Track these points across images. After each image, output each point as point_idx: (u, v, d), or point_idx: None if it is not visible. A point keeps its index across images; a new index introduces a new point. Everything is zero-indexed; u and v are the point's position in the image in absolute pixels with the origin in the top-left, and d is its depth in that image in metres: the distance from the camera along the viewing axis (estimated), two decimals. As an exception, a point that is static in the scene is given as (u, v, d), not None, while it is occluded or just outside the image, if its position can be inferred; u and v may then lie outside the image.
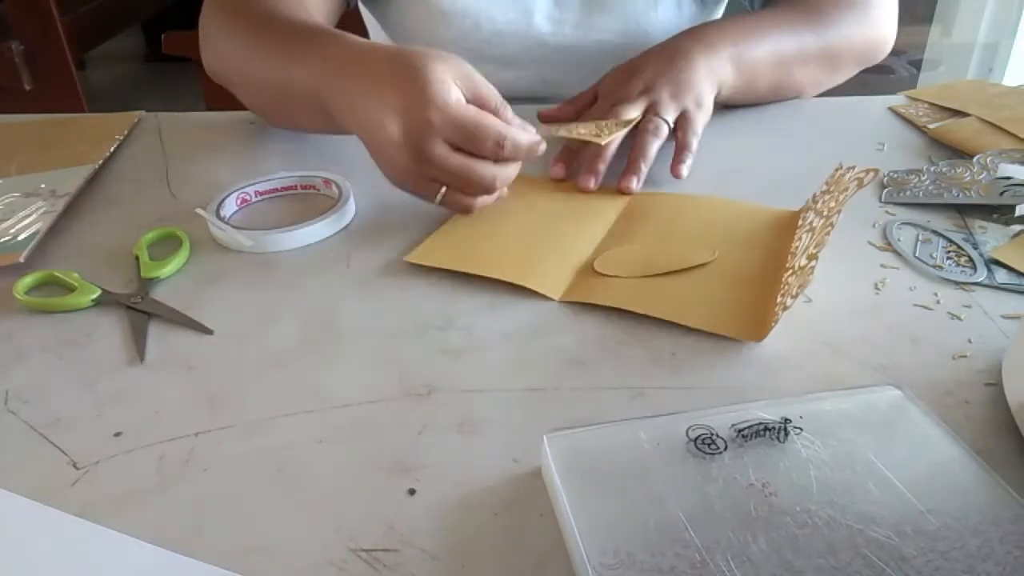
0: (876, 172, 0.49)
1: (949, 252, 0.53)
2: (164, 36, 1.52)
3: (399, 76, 0.51)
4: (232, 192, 0.60)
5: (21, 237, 0.55)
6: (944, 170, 0.61)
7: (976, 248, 0.53)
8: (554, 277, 0.51)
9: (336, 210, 0.57)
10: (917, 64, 1.71)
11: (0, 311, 0.49)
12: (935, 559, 0.30)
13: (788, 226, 0.54)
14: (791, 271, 0.47)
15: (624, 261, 0.51)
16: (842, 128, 0.72)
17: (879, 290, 0.49)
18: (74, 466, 0.37)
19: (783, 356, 0.44)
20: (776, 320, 0.43)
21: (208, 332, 0.47)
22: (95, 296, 0.49)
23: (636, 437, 0.35)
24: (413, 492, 0.36)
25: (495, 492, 0.36)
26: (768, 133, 0.71)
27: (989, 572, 0.29)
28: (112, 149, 0.69)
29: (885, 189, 0.60)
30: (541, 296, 0.49)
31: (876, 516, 0.32)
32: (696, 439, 0.35)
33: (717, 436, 0.35)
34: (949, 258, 0.52)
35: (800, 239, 0.50)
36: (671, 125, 0.63)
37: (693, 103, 0.65)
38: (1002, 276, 0.50)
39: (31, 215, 0.58)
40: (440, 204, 0.54)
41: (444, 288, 0.50)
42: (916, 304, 0.48)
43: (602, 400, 0.41)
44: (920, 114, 0.74)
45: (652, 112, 0.63)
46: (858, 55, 0.76)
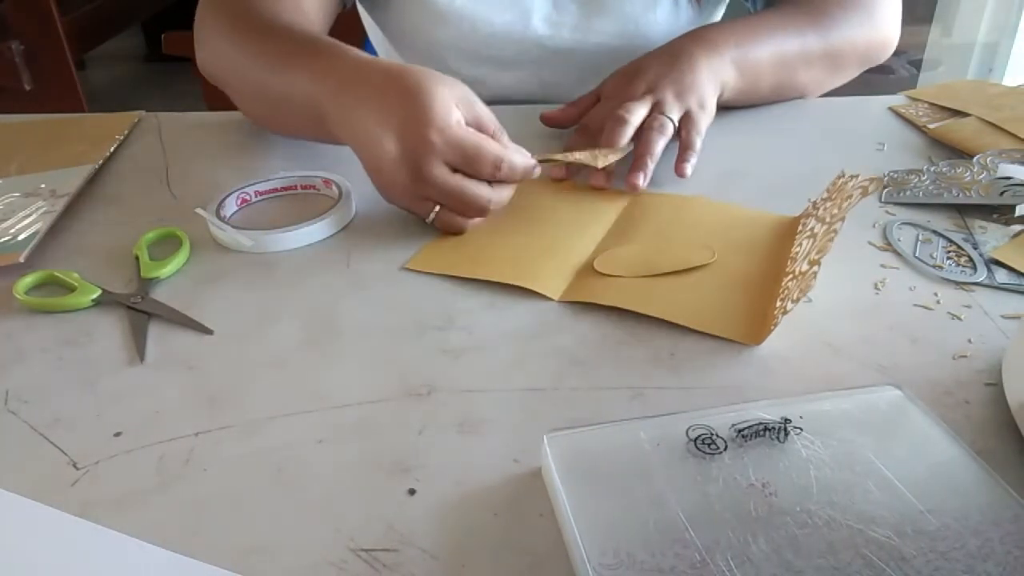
0: (880, 181, 0.49)
1: (949, 252, 0.53)
2: (164, 36, 1.53)
3: (400, 93, 0.51)
4: (232, 192, 0.60)
5: (21, 237, 0.55)
6: (944, 170, 0.61)
7: (976, 248, 0.53)
8: (554, 277, 0.51)
9: (336, 210, 0.57)
10: (917, 64, 1.71)
11: (0, 311, 0.49)
12: (935, 559, 0.30)
13: (788, 231, 0.54)
14: (791, 276, 0.47)
15: (624, 261, 0.51)
16: (842, 128, 0.72)
17: (879, 290, 0.49)
18: (74, 466, 0.37)
19: (783, 356, 0.44)
20: (776, 324, 0.43)
21: (208, 332, 0.47)
22: (95, 296, 0.49)
23: (636, 437, 0.35)
24: (413, 492, 0.36)
25: (495, 492, 0.36)
26: (768, 133, 0.71)
27: (989, 572, 0.29)
28: (112, 149, 0.69)
29: (885, 189, 0.60)
30: (541, 296, 0.49)
31: (876, 516, 0.32)
32: (696, 439, 0.35)
33: (717, 436, 0.35)
34: (949, 258, 0.52)
35: (800, 245, 0.50)
36: (676, 124, 0.64)
37: (696, 104, 0.65)
38: (1002, 276, 0.50)
39: (31, 215, 0.58)
40: (431, 223, 0.55)
41: (444, 288, 0.50)
42: (916, 304, 0.48)
43: (602, 400, 0.41)
44: (920, 114, 0.74)
45: (657, 111, 0.63)
46: (861, 56, 0.76)
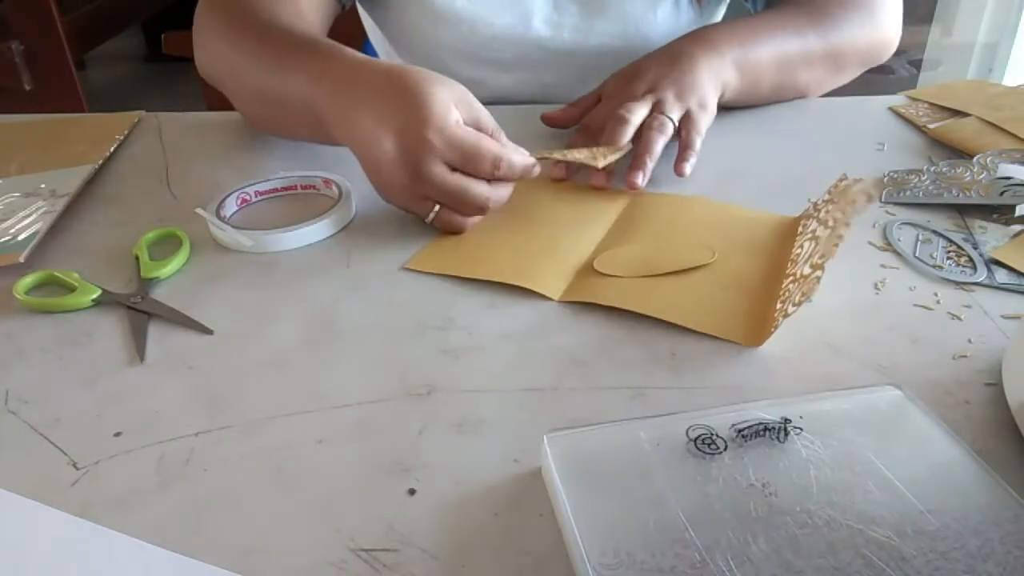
0: (882, 184, 0.49)
1: (949, 252, 0.53)
2: (164, 36, 1.53)
3: (399, 94, 0.52)
4: (232, 192, 0.60)
5: (21, 237, 0.55)
6: (944, 170, 0.61)
7: (976, 248, 0.53)
8: (554, 277, 0.51)
9: (336, 210, 0.57)
10: (917, 64, 1.71)
11: (0, 311, 0.49)
12: (935, 559, 0.30)
13: (788, 232, 0.54)
14: (792, 278, 0.47)
15: (624, 261, 0.51)
16: (842, 128, 0.72)
17: (879, 290, 0.49)
18: (74, 466, 0.37)
19: (783, 356, 0.44)
20: (776, 326, 0.43)
21: (208, 332, 0.47)
22: (95, 296, 0.49)
23: (636, 437, 0.35)
24: (413, 492, 0.36)
25: (495, 492, 0.36)
26: (768, 133, 0.71)
27: (989, 572, 0.29)
28: (112, 149, 0.69)
29: (885, 189, 0.60)
30: (541, 296, 0.49)
31: (876, 516, 0.32)
32: (696, 439, 0.35)
33: (717, 436, 0.35)
34: (949, 258, 0.52)
35: (802, 247, 0.50)
36: (676, 124, 0.64)
37: (697, 104, 0.65)
38: (1002, 276, 0.50)
39: (31, 215, 0.58)
40: (431, 223, 0.55)
41: (444, 288, 0.50)
42: (916, 304, 0.48)
43: (602, 400, 0.41)
44: (920, 114, 0.74)
45: (657, 111, 0.63)
46: (862, 56, 0.76)
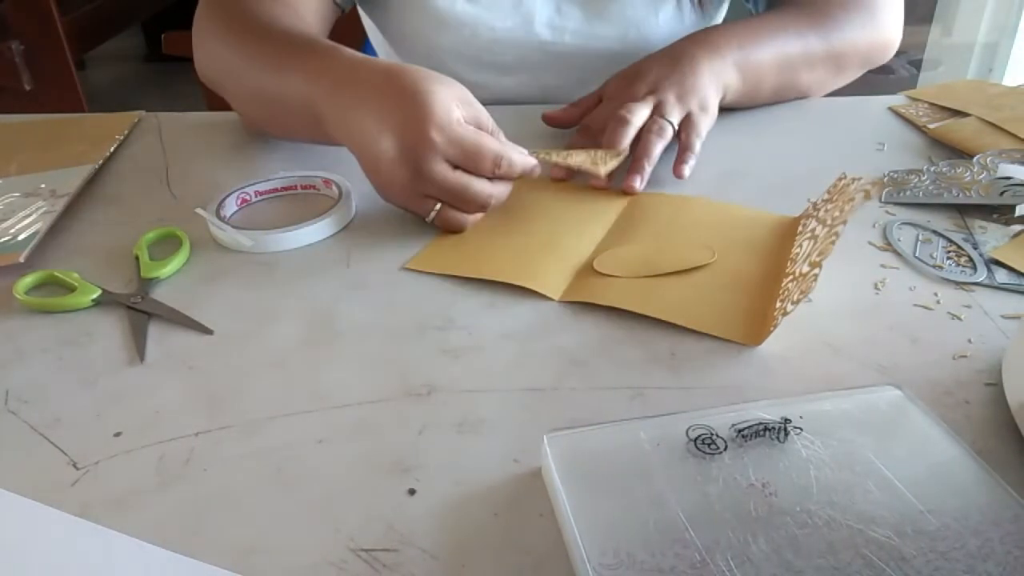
0: (881, 183, 0.49)
1: (949, 252, 0.53)
2: (164, 36, 1.53)
3: (399, 93, 0.52)
4: (232, 192, 0.60)
5: (21, 237, 0.55)
6: (944, 170, 0.61)
7: (976, 248, 0.53)
8: (554, 277, 0.51)
9: (336, 210, 0.57)
10: (917, 64, 1.71)
11: (0, 311, 0.49)
12: (935, 559, 0.30)
13: (788, 232, 0.54)
14: (791, 277, 0.47)
15: (624, 261, 0.51)
16: (842, 128, 0.72)
17: (879, 290, 0.49)
18: (74, 466, 0.37)
19: (783, 356, 0.44)
20: (776, 325, 0.43)
21: (208, 332, 0.47)
22: (95, 296, 0.49)
23: (636, 437, 0.35)
24: (413, 492, 0.36)
25: (495, 492, 0.36)
26: (768, 133, 0.71)
27: (989, 572, 0.29)
28: (112, 149, 0.69)
29: (885, 189, 0.60)
30: (541, 296, 0.49)
31: (876, 516, 0.32)
32: (696, 439, 0.35)
33: (717, 436, 0.35)
34: (949, 258, 0.52)
35: (801, 246, 0.50)
36: (675, 127, 0.63)
37: (698, 106, 0.65)
38: (1002, 276, 0.50)
39: (31, 215, 0.58)
40: (432, 222, 0.55)
41: (444, 288, 0.50)
42: (916, 304, 0.48)
43: (602, 400, 0.41)
44: (920, 114, 0.74)
45: (657, 114, 0.63)
46: (863, 57, 0.76)
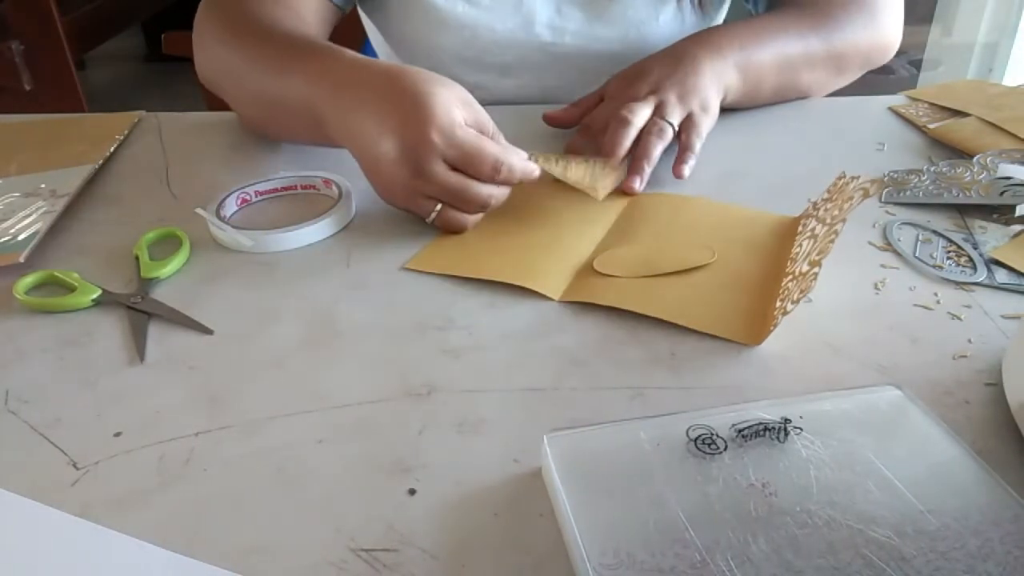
0: (880, 183, 0.49)
1: (949, 252, 0.53)
2: (164, 36, 1.52)
3: (400, 95, 0.52)
4: (232, 192, 0.60)
5: (21, 237, 0.55)
6: (944, 170, 0.61)
7: (976, 248, 0.53)
8: (554, 277, 0.51)
9: (336, 210, 0.57)
10: (917, 64, 1.71)
11: (0, 311, 0.49)
12: (935, 559, 0.30)
13: (788, 232, 0.54)
14: (791, 276, 0.47)
15: (624, 261, 0.51)
16: (842, 128, 0.72)
17: (879, 290, 0.49)
18: (74, 466, 0.37)
19: (783, 356, 0.44)
20: (776, 324, 0.43)
21: (208, 332, 0.47)
22: (95, 296, 0.49)
23: (636, 437, 0.35)
24: (413, 492, 0.36)
25: (495, 492, 0.36)
26: (768, 133, 0.71)
27: (989, 572, 0.29)
28: (112, 149, 0.69)
29: (885, 189, 0.60)
30: (541, 296, 0.49)
31: (876, 516, 0.32)
32: (696, 439, 0.35)
33: (717, 436, 0.35)
34: (949, 258, 0.52)
35: (801, 245, 0.50)
36: (675, 128, 0.63)
37: (699, 107, 0.65)
38: (1002, 276, 0.50)
39: (31, 215, 0.58)
40: (433, 223, 0.55)
41: (444, 288, 0.50)
42: (916, 304, 0.48)
43: (602, 400, 0.41)
44: (920, 114, 0.74)
45: (658, 114, 0.63)
46: (863, 58, 0.76)
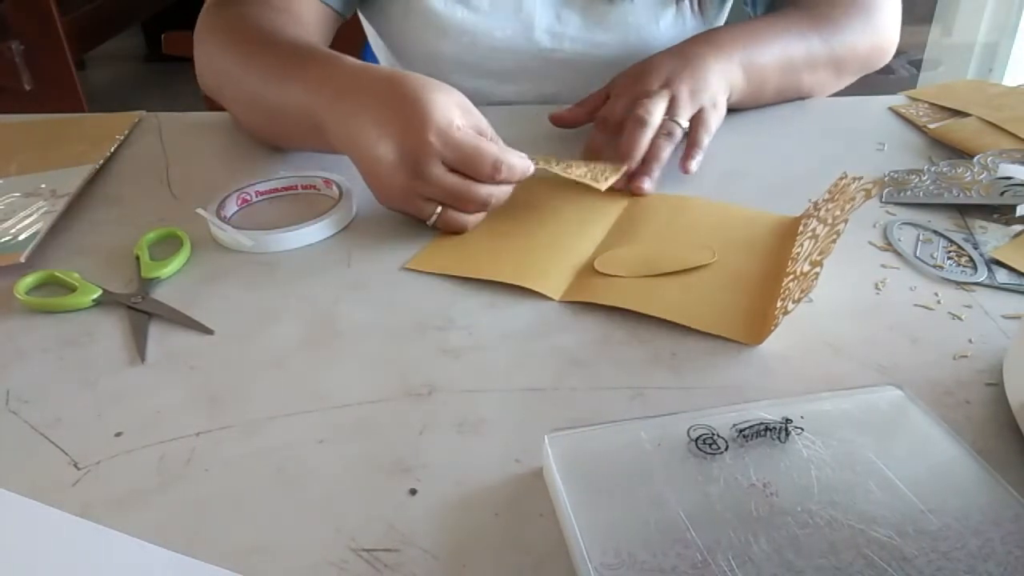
0: (882, 183, 0.49)
1: (950, 252, 0.53)
2: (164, 36, 1.53)
3: (399, 100, 0.52)
4: (233, 192, 0.60)
5: (22, 237, 0.55)
6: (944, 170, 0.61)
7: (976, 248, 0.53)
8: (554, 277, 0.51)
9: (336, 210, 0.57)
10: (917, 64, 1.71)
11: (1, 311, 0.49)
12: (936, 559, 0.30)
13: (789, 232, 0.54)
14: (792, 276, 0.47)
15: (625, 261, 0.51)
16: (842, 128, 0.72)
17: (879, 290, 0.49)
18: (75, 466, 0.37)
19: (783, 356, 0.44)
20: (776, 324, 0.43)
21: (209, 332, 0.47)
22: (96, 296, 0.49)
23: (637, 437, 0.35)
24: (414, 492, 0.36)
25: (496, 492, 0.36)
26: (769, 133, 0.71)
27: (990, 572, 0.29)
28: (112, 149, 0.69)
29: (886, 189, 0.60)
30: (541, 296, 0.49)
31: (877, 516, 0.32)
32: (697, 439, 0.35)
33: (718, 436, 0.35)
34: (950, 258, 0.52)
35: (802, 245, 0.50)
36: (684, 129, 0.63)
37: (709, 102, 0.65)
38: (1003, 276, 0.50)
39: (32, 215, 0.58)
40: (433, 225, 0.55)
41: (444, 288, 0.50)
42: (917, 304, 0.48)
43: (602, 400, 0.41)
44: (920, 114, 0.74)
45: (668, 113, 0.63)
46: (863, 61, 0.76)
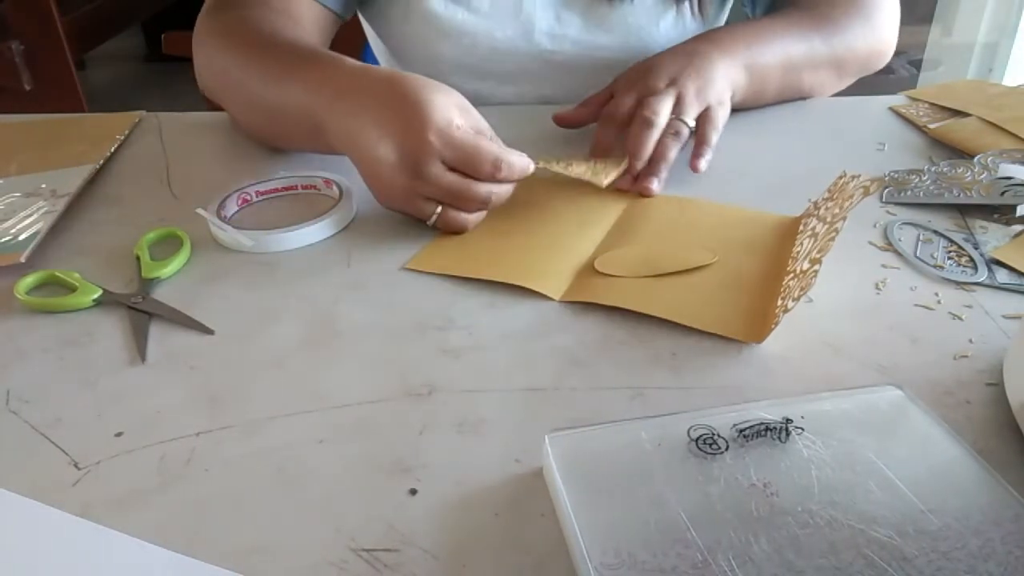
0: (881, 181, 0.49)
1: (950, 252, 0.53)
2: (164, 36, 1.53)
3: (399, 100, 0.52)
4: (233, 192, 0.60)
5: (22, 237, 0.55)
6: (945, 170, 0.61)
7: (977, 248, 0.53)
8: (554, 277, 0.51)
9: (337, 210, 0.57)
10: (917, 64, 1.71)
11: (1, 311, 0.49)
12: (937, 559, 0.30)
13: (789, 232, 0.54)
14: (792, 275, 0.47)
15: (625, 261, 0.51)
16: (843, 128, 0.72)
17: (880, 290, 0.49)
18: (75, 466, 0.37)
19: (783, 356, 0.44)
20: (777, 322, 0.43)
21: (209, 332, 0.47)
22: (96, 296, 0.49)
23: (637, 437, 0.35)
24: (414, 492, 0.36)
25: (496, 492, 0.36)
26: (769, 133, 0.71)
27: (991, 572, 0.29)
28: (112, 149, 0.69)
29: (886, 189, 0.60)
30: (541, 296, 0.49)
31: (877, 516, 0.32)
32: (697, 439, 0.35)
33: (718, 436, 0.35)
34: (950, 258, 0.52)
35: (801, 244, 0.50)
36: (691, 128, 0.63)
37: (716, 100, 0.65)
38: (1003, 276, 0.50)
39: (32, 215, 0.58)
40: (433, 225, 0.55)
41: (444, 288, 0.50)
42: (917, 304, 0.48)
43: (602, 400, 0.41)
44: (920, 114, 0.74)
45: (675, 112, 0.63)
46: (862, 63, 0.77)
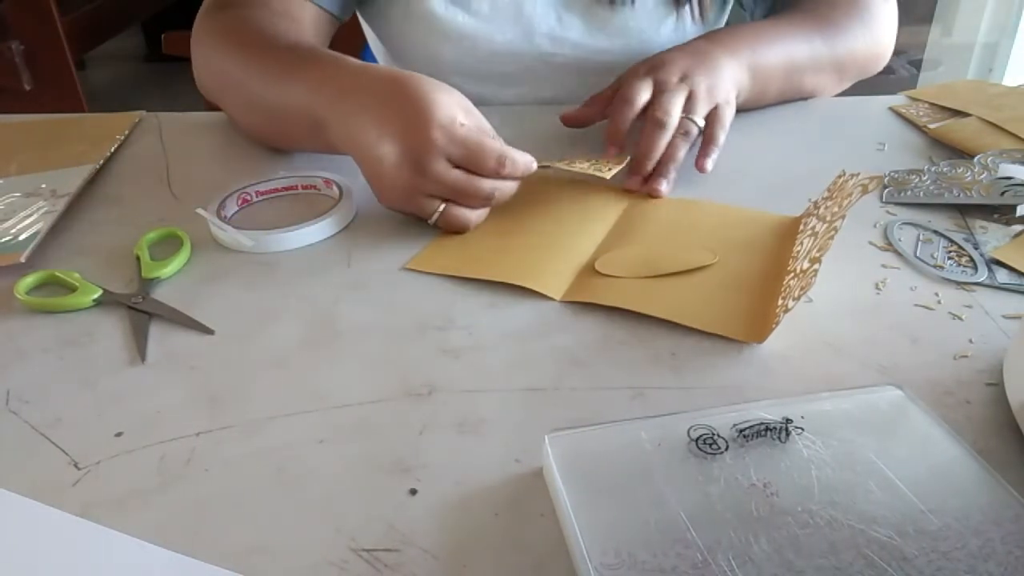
0: (880, 179, 0.49)
1: (950, 252, 0.53)
2: (164, 36, 1.53)
3: (402, 99, 0.52)
4: (233, 192, 0.60)
5: (22, 237, 0.55)
6: (945, 170, 0.61)
7: (977, 248, 0.53)
8: (555, 277, 0.51)
9: (337, 210, 0.57)
10: (917, 64, 1.71)
11: (1, 311, 0.49)
12: (937, 559, 0.30)
13: (789, 231, 0.54)
14: (792, 274, 0.47)
15: (625, 261, 0.51)
16: (843, 128, 0.72)
17: (880, 290, 0.49)
18: (75, 466, 0.37)
19: (783, 356, 0.44)
20: (777, 322, 0.43)
21: (209, 332, 0.47)
22: (96, 296, 0.49)
23: (637, 437, 0.35)
24: (414, 492, 0.36)
25: (496, 492, 0.36)
26: (769, 133, 0.71)
27: (991, 572, 0.29)
28: (112, 149, 0.69)
29: (886, 189, 0.60)
30: (541, 296, 0.49)
31: (877, 516, 0.32)
32: (697, 439, 0.35)
33: (718, 436, 0.35)
34: (950, 258, 0.52)
35: (801, 244, 0.50)
36: (701, 127, 0.63)
37: (724, 99, 0.65)
38: (1003, 276, 0.50)
39: (32, 215, 0.58)
40: (436, 224, 0.55)
41: (444, 288, 0.50)
42: (917, 304, 0.48)
43: (602, 400, 0.41)
44: (920, 114, 0.74)
45: (685, 110, 0.63)
46: (861, 65, 0.77)
